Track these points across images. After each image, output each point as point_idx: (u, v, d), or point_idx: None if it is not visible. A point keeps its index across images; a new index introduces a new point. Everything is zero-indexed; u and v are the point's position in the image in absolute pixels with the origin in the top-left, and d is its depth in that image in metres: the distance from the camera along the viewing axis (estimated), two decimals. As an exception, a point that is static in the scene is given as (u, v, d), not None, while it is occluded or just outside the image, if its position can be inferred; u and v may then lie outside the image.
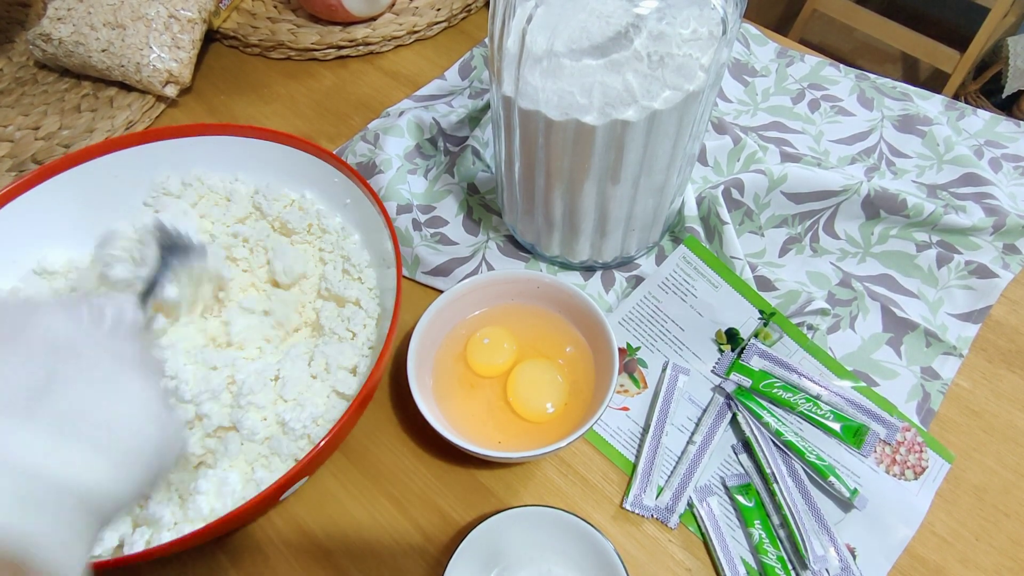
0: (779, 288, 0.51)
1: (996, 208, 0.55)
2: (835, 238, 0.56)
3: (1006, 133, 0.64)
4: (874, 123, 0.64)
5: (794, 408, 0.47)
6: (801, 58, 0.70)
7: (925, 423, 0.48)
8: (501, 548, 0.40)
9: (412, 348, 0.43)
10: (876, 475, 0.45)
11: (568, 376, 0.46)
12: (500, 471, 0.46)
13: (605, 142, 0.40)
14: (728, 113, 0.65)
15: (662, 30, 0.38)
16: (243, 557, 0.43)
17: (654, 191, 0.47)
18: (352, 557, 0.43)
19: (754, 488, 0.45)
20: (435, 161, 0.61)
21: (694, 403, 0.48)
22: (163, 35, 0.63)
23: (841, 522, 0.44)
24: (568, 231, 0.49)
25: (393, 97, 0.67)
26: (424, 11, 0.72)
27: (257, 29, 0.70)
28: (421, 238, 0.55)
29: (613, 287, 0.53)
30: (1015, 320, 0.53)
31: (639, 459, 0.46)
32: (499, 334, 0.47)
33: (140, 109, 0.64)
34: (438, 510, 0.44)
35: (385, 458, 0.46)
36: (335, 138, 0.64)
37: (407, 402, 0.44)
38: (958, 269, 0.54)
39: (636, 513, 0.44)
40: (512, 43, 0.38)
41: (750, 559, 0.43)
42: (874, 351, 0.51)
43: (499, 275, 0.48)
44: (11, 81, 0.67)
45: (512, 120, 0.43)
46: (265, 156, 0.51)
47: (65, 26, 0.62)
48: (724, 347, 0.50)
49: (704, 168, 0.60)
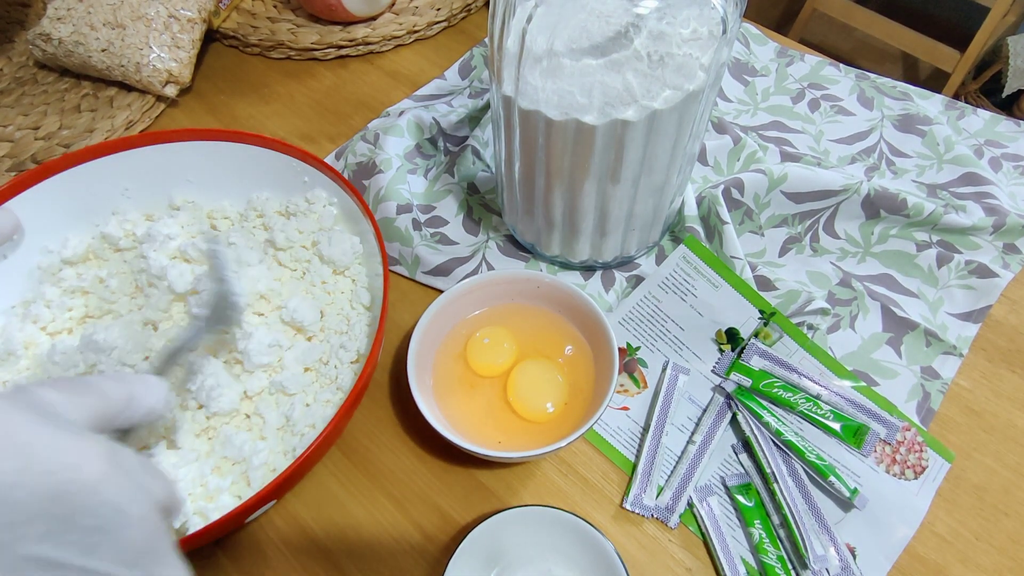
0: (779, 288, 0.51)
1: (996, 208, 0.55)
2: (835, 238, 0.56)
3: (1006, 133, 0.64)
4: (874, 123, 0.64)
5: (794, 408, 0.47)
6: (801, 58, 0.70)
7: (925, 423, 0.48)
8: (501, 548, 0.40)
9: (412, 348, 0.43)
10: (876, 475, 0.45)
11: (568, 376, 0.46)
12: (500, 471, 0.46)
13: (605, 142, 0.40)
14: (728, 113, 0.65)
15: (662, 30, 0.38)
16: (243, 557, 0.43)
17: (654, 191, 0.47)
18: (352, 557, 0.43)
19: (754, 488, 0.45)
20: (435, 161, 0.61)
21: (694, 403, 0.48)
22: (163, 35, 0.63)
23: (841, 522, 0.44)
24: (568, 231, 0.49)
25: (393, 97, 0.67)
26: (424, 11, 0.72)
27: (257, 29, 0.70)
28: (421, 238, 0.55)
29: (613, 287, 0.53)
30: (1015, 320, 0.53)
31: (639, 459, 0.46)
32: (499, 334, 0.47)
33: (140, 109, 0.64)
34: (438, 510, 0.44)
35: (385, 458, 0.46)
36: (335, 138, 0.64)
37: (407, 402, 0.44)
38: (958, 269, 0.54)
39: (636, 513, 0.44)
40: (512, 43, 0.38)
41: (750, 559, 0.43)
42: (874, 351, 0.51)
43: (499, 275, 0.48)
44: (11, 81, 0.67)
45: (512, 120, 0.43)
46: (257, 163, 0.50)
47: (65, 26, 0.62)
48: (724, 347, 0.50)
49: (704, 168, 0.60)
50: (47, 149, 0.61)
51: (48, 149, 0.61)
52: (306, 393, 0.43)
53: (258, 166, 0.50)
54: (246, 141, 0.49)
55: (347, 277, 0.48)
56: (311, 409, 0.42)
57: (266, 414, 0.42)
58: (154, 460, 0.38)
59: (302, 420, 0.41)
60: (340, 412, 0.37)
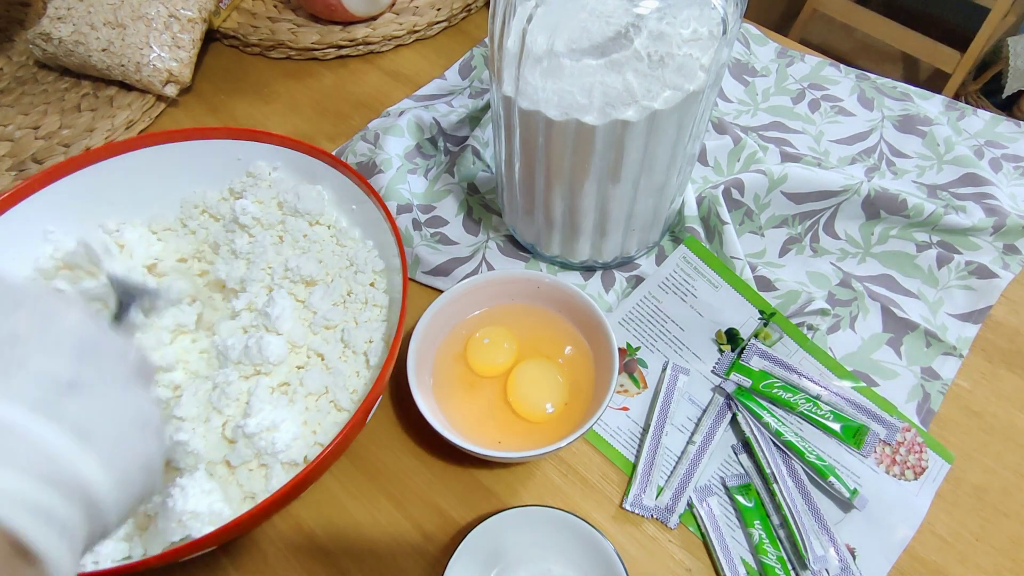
0: (779, 288, 0.51)
1: (996, 208, 0.55)
2: (835, 238, 0.56)
3: (1006, 133, 0.64)
4: (874, 123, 0.64)
5: (794, 408, 0.47)
6: (801, 58, 0.70)
7: (925, 423, 0.48)
8: (501, 548, 0.40)
9: (412, 348, 0.43)
10: (876, 475, 0.45)
11: (568, 376, 0.46)
12: (500, 471, 0.46)
13: (605, 142, 0.40)
14: (728, 113, 0.65)
15: (662, 30, 0.38)
16: (243, 557, 0.43)
17: (654, 191, 0.47)
18: (352, 557, 0.43)
19: (754, 488, 0.45)
20: (435, 161, 0.61)
21: (694, 403, 0.48)
22: (163, 35, 0.63)
23: (841, 522, 0.44)
24: (568, 231, 0.49)
25: (393, 97, 0.67)
26: (424, 11, 0.72)
27: (257, 29, 0.70)
28: (421, 238, 0.55)
29: (613, 287, 0.53)
30: (1015, 320, 0.53)
31: (639, 459, 0.46)
32: (499, 334, 0.47)
33: (140, 108, 0.64)
34: (438, 510, 0.44)
35: (385, 458, 0.46)
36: (335, 138, 0.64)
37: (407, 402, 0.44)
38: (958, 269, 0.54)
39: (636, 513, 0.44)
40: (512, 43, 0.38)
41: (750, 559, 0.43)
42: (874, 351, 0.51)
43: (499, 275, 0.48)
44: (11, 81, 0.67)
45: (512, 120, 0.43)
46: (268, 160, 0.51)
47: (65, 25, 0.62)
48: (724, 347, 0.50)
49: (704, 168, 0.60)
50: (47, 149, 0.61)
51: (48, 149, 0.61)
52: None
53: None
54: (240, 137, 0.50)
55: (322, 224, 0.49)
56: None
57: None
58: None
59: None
60: (351, 422, 0.37)
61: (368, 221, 0.49)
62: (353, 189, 0.48)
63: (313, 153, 0.49)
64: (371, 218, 0.48)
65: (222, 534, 0.34)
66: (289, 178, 0.51)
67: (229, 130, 0.50)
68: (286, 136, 0.50)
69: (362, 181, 0.47)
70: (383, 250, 0.48)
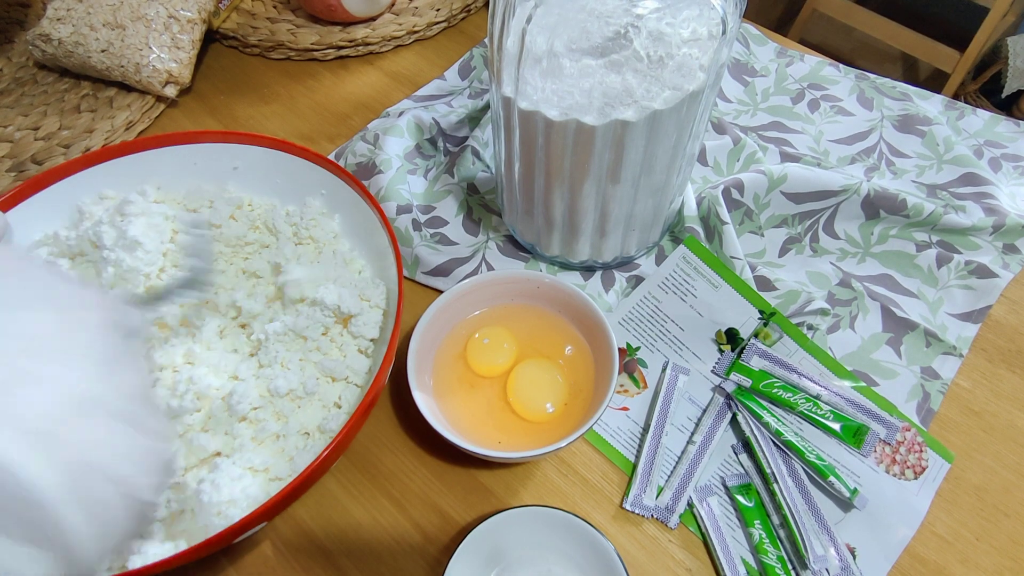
0: (779, 288, 0.51)
1: (996, 208, 0.55)
2: (835, 238, 0.56)
3: (1006, 133, 0.64)
4: (874, 123, 0.64)
5: (794, 408, 0.47)
6: (801, 58, 0.70)
7: (925, 423, 0.48)
8: (501, 548, 0.40)
9: (412, 348, 0.43)
10: (876, 475, 0.45)
11: (568, 376, 0.46)
12: (500, 471, 0.46)
13: (605, 142, 0.40)
14: (728, 113, 0.65)
15: (662, 30, 0.38)
16: (243, 557, 0.43)
17: (654, 191, 0.47)
18: (352, 557, 0.43)
19: (754, 488, 0.45)
20: (435, 161, 0.61)
21: (694, 403, 0.48)
22: (163, 35, 0.63)
23: (841, 522, 0.44)
24: (568, 231, 0.49)
25: (393, 97, 0.67)
26: (424, 11, 0.72)
27: (257, 29, 0.70)
28: (421, 238, 0.55)
29: (613, 287, 0.53)
30: (1015, 320, 0.53)
31: (639, 459, 0.46)
32: (499, 334, 0.47)
33: (140, 109, 0.64)
34: (438, 510, 0.44)
35: (385, 458, 0.46)
36: (335, 138, 0.64)
37: (407, 402, 0.44)
38: (958, 269, 0.54)
39: (636, 513, 0.44)
40: (512, 43, 0.38)
41: (750, 559, 0.43)
42: (874, 351, 0.51)
43: (499, 275, 0.48)
44: (11, 81, 0.67)
45: (512, 120, 0.43)
46: (261, 163, 0.51)
47: (65, 26, 0.62)
48: (724, 347, 0.50)
49: (704, 168, 0.60)
50: (47, 149, 0.61)
51: (48, 149, 0.61)
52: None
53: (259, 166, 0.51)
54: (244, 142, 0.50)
55: (317, 226, 0.49)
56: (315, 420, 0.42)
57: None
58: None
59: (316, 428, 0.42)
60: (352, 419, 0.37)
61: (364, 222, 0.49)
62: (348, 192, 0.48)
63: (306, 155, 0.49)
64: (367, 219, 0.48)
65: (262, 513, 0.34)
66: (277, 180, 0.51)
67: (222, 134, 0.50)
68: (279, 139, 0.49)
69: (356, 183, 0.47)
70: (380, 251, 0.48)
